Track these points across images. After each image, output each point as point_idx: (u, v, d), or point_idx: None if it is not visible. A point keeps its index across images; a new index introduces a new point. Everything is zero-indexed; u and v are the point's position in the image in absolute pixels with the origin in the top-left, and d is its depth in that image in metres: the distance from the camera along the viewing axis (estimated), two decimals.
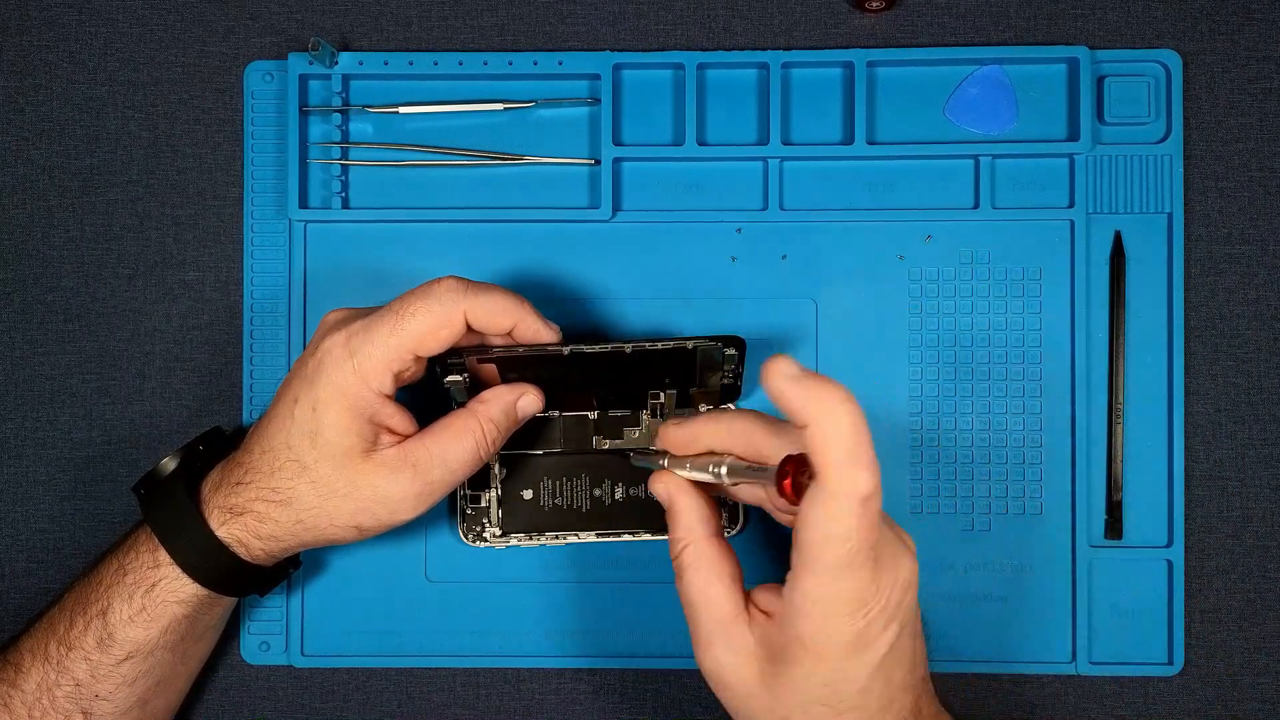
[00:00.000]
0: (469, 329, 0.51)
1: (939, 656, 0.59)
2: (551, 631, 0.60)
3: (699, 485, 0.49)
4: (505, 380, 0.53)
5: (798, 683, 0.45)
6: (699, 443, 0.49)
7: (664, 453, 0.51)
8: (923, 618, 0.59)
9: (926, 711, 0.49)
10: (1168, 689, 0.60)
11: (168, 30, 0.61)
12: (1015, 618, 0.59)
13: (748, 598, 0.47)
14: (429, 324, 0.49)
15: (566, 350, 0.51)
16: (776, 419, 0.47)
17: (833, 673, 0.44)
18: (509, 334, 0.52)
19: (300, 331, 0.60)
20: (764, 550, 0.60)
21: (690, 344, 0.51)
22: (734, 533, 0.59)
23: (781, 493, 0.43)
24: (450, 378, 0.53)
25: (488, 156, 0.60)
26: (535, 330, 0.51)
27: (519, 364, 0.52)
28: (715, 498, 0.51)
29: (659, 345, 0.51)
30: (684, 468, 0.49)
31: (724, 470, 0.47)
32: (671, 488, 0.49)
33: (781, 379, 0.42)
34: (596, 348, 0.51)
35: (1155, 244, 0.60)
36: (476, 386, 0.54)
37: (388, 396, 0.50)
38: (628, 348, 0.51)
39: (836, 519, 0.41)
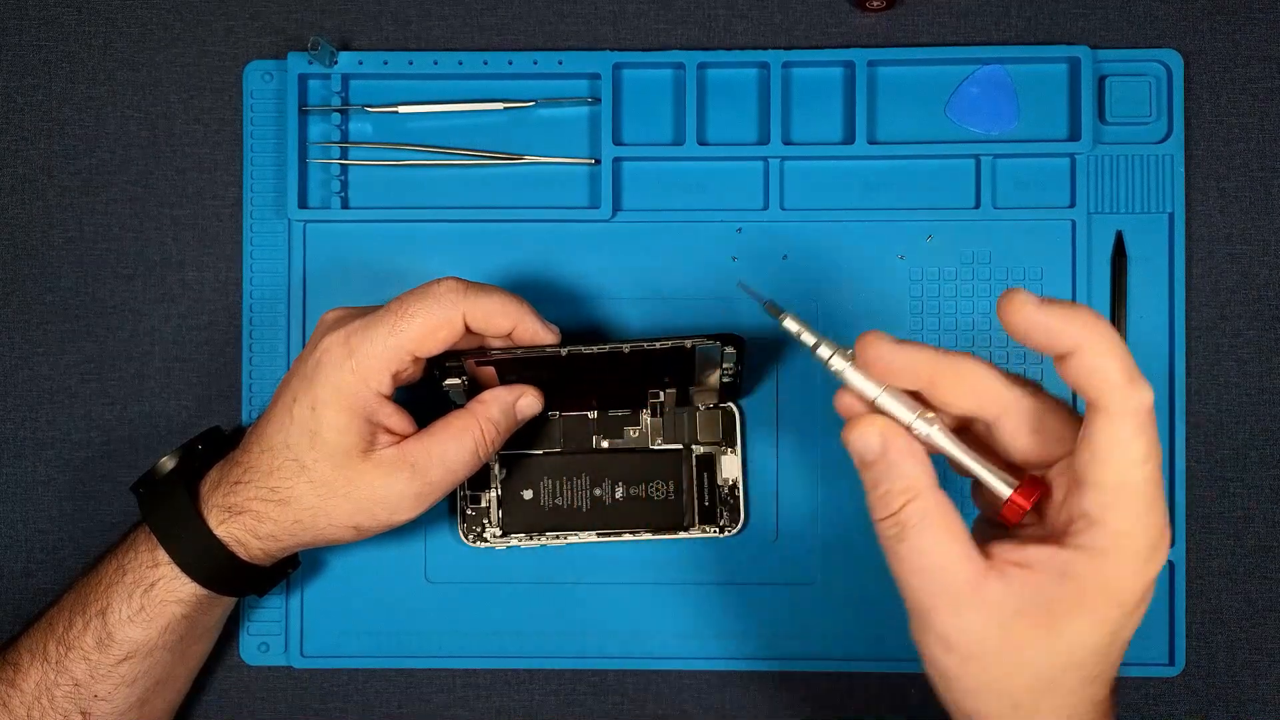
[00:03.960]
0: (468, 330, 0.51)
1: None
2: (551, 632, 0.60)
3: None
4: (504, 382, 0.53)
5: (1082, 635, 0.40)
6: (915, 371, 0.42)
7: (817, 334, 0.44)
8: None
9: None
10: (1169, 689, 0.60)
11: (168, 30, 0.61)
12: None
13: (989, 555, 0.41)
14: (428, 325, 0.49)
15: (564, 351, 0.51)
16: (1007, 372, 0.42)
17: (1123, 622, 0.40)
18: (508, 335, 0.52)
19: (300, 331, 0.60)
20: (769, 550, 0.59)
21: (689, 343, 0.51)
22: (735, 531, 0.59)
23: (1004, 514, 0.42)
24: (449, 380, 0.53)
25: (488, 156, 0.60)
26: (534, 332, 0.51)
27: (518, 366, 0.52)
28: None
29: (657, 345, 0.51)
30: (867, 399, 0.42)
31: (934, 434, 0.42)
32: (887, 434, 0.41)
33: (1030, 308, 0.39)
34: (594, 349, 0.51)
35: (1156, 244, 0.59)
36: (475, 389, 0.54)
37: (386, 396, 0.50)
38: (626, 348, 0.51)
39: (1135, 440, 0.39)
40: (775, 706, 0.60)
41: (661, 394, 0.57)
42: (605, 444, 0.59)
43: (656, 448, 0.59)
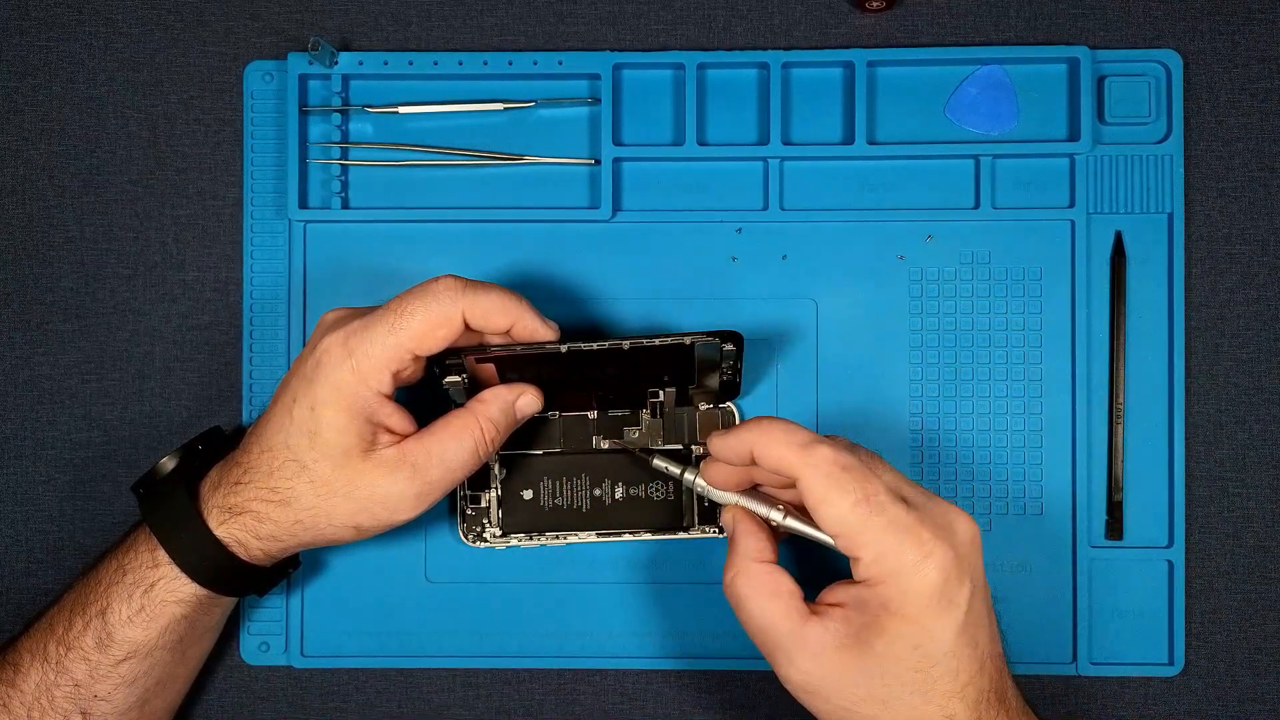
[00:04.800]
0: (467, 328, 0.51)
1: None
2: (551, 632, 0.60)
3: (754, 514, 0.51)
4: (504, 380, 0.53)
5: (889, 653, 0.46)
6: (741, 456, 0.49)
7: (681, 462, 0.54)
8: None
9: (1012, 697, 0.49)
10: (1168, 689, 0.60)
11: (168, 30, 0.61)
12: (1015, 618, 0.59)
13: (817, 602, 0.49)
14: (427, 323, 0.49)
15: (564, 348, 0.51)
16: (803, 432, 0.48)
17: (920, 633, 0.46)
18: (507, 333, 0.52)
19: (300, 331, 0.60)
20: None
21: (688, 340, 0.51)
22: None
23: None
24: (449, 378, 0.53)
25: (488, 156, 0.60)
26: (533, 328, 0.51)
27: (518, 363, 0.52)
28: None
29: (656, 342, 0.51)
30: (720, 486, 0.52)
31: (779, 518, 0.51)
32: (737, 517, 0.51)
33: (716, 442, 0.50)
34: (594, 345, 0.51)
35: (1156, 244, 0.60)
36: (475, 387, 0.54)
37: (386, 396, 0.50)
38: (625, 344, 0.51)
39: (829, 490, 0.46)
40: (775, 706, 0.60)
41: (661, 394, 0.57)
42: (605, 444, 0.59)
43: (656, 448, 0.59)
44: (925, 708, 0.46)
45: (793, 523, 0.50)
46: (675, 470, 0.54)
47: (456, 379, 0.53)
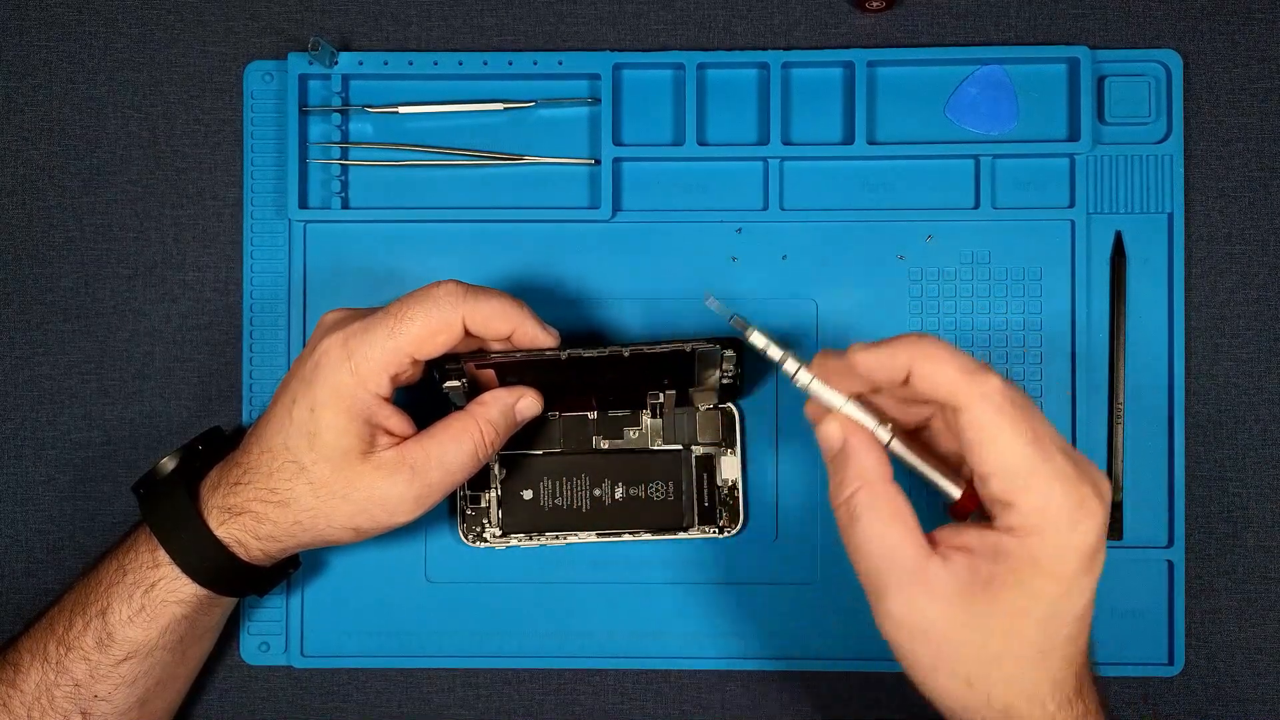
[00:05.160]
0: (467, 333, 0.51)
1: None
2: (551, 631, 0.60)
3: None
4: (504, 384, 0.53)
5: (1019, 611, 0.43)
6: (898, 369, 0.44)
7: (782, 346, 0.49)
8: None
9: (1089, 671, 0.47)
10: (1168, 689, 0.60)
11: (168, 30, 0.61)
12: None
13: (932, 542, 0.45)
14: (427, 328, 0.49)
15: (564, 355, 0.51)
16: (968, 357, 0.44)
17: (1061, 594, 0.43)
18: (508, 339, 0.52)
19: (300, 332, 0.60)
20: (769, 550, 0.59)
21: (688, 346, 0.51)
22: (735, 531, 0.59)
23: (954, 512, 0.47)
24: (449, 383, 0.53)
25: (488, 156, 0.60)
26: (534, 335, 0.51)
27: (517, 369, 0.52)
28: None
29: (657, 348, 0.51)
30: (831, 394, 0.47)
31: (886, 437, 0.46)
32: (847, 429, 0.46)
33: (862, 353, 0.44)
34: (594, 351, 0.51)
35: (1156, 244, 0.59)
36: (475, 391, 0.54)
37: (385, 398, 0.50)
38: (625, 351, 0.51)
39: (996, 422, 0.42)
40: (775, 706, 0.60)
41: (661, 395, 0.57)
42: (605, 444, 0.59)
43: (656, 448, 0.59)
44: (1037, 666, 0.43)
45: (900, 447, 0.46)
46: (776, 353, 0.48)
47: (456, 384, 0.53)
